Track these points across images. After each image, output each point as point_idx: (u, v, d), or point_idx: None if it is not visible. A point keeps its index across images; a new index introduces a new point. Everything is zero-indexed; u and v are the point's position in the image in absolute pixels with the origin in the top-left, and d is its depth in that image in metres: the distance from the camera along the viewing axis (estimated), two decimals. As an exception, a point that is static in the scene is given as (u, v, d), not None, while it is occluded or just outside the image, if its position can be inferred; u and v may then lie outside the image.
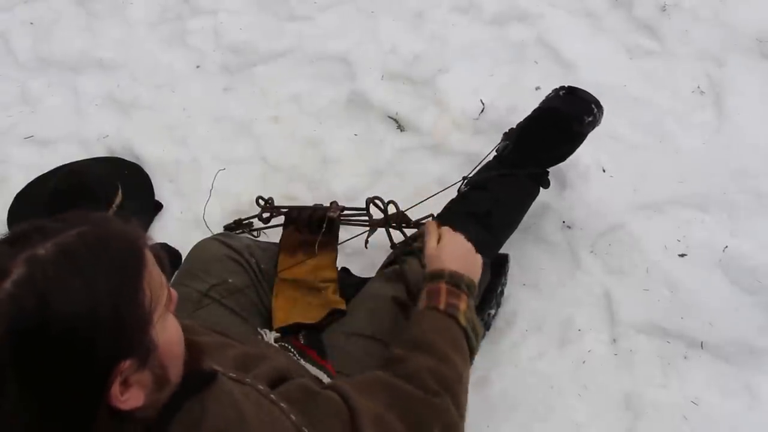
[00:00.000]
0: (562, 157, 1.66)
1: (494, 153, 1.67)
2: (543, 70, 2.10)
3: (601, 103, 1.63)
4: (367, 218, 1.48)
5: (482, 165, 1.67)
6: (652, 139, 1.92)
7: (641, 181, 1.83)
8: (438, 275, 1.19)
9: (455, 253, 1.23)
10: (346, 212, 1.52)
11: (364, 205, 1.47)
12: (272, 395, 0.91)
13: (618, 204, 1.79)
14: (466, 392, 1.12)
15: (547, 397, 1.53)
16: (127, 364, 0.72)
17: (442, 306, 1.15)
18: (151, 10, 2.39)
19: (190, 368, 0.82)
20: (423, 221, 1.51)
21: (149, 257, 0.76)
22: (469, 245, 1.26)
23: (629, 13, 2.20)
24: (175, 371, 0.80)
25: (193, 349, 0.84)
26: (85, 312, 0.69)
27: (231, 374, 0.92)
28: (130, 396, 0.74)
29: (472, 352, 1.17)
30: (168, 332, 0.78)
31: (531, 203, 1.65)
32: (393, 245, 1.44)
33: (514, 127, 1.69)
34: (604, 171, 1.86)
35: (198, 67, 2.24)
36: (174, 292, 0.81)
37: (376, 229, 1.48)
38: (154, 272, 0.77)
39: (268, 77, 2.18)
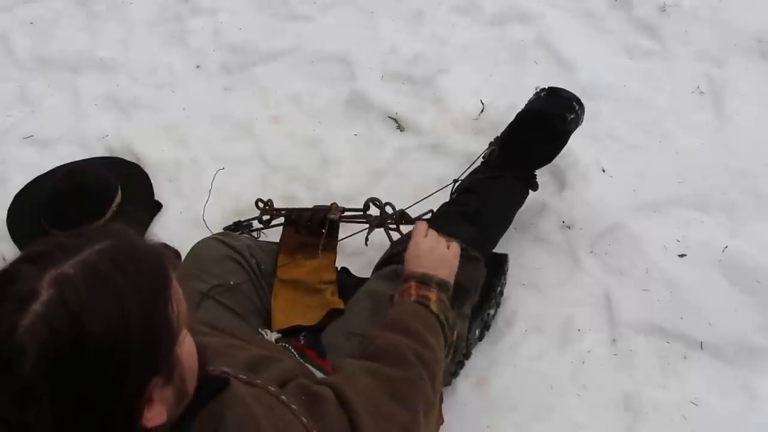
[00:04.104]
0: (549, 158, 1.68)
1: (483, 157, 1.69)
2: (543, 70, 2.10)
3: (582, 101, 1.64)
4: (366, 219, 1.48)
5: (471, 170, 1.70)
6: (651, 139, 1.92)
7: (641, 181, 1.83)
8: (409, 277, 1.25)
9: (432, 256, 1.28)
10: (345, 213, 1.52)
11: (363, 206, 1.48)
12: (283, 396, 0.91)
13: (618, 204, 1.79)
14: (441, 375, 1.15)
15: (546, 397, 1.53)
16: (155, 383, 0.71)
17: (413, 298, 1.20)
18: (151, 10, 2.39)
19: (200, 373, 0.81)
20: (422, 218, 1.51)
21: (172, 272, 0.75)
22: (447, 251, 1.30)
23: (629, 13, 2.20)
24: (192, 383, 0.80)
25: (201, 354, 0.82)
26: (118, 331, 0.67)
27: (242, 376, 0.92)
28: (155, 414, 0.72)
29: (446, 340, 1.21)
30: (187, 345, 0.77)
31: (520, 205, 1.68)
32: (393, 243, 1.45)
33: (499, 135, 1.72)
34: (603, 171, 1.86)
35: (198, 67, 2.24)
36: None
37: (373, 230, 1.48)
38: (177, 287, 0.75)
39: (268, 77, 2.19)
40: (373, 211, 1.49)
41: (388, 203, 1.48)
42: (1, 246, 1.83)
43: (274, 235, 1.68)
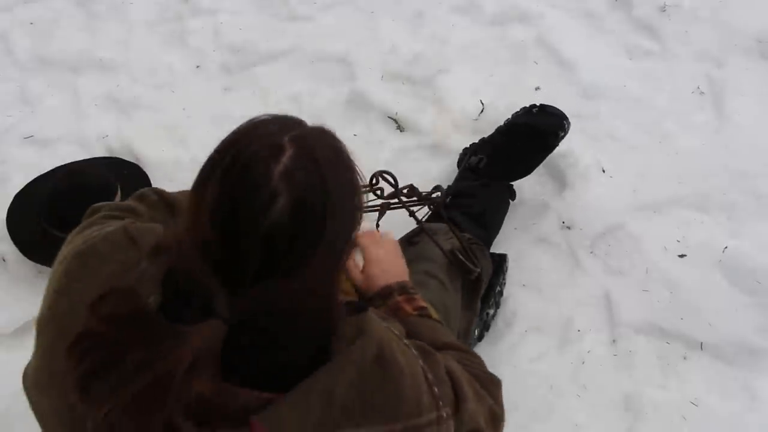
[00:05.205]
0: (529, 171, 1.74)
1: (466, 165, 1.76)
2: (543, 70, 2.10)
3: (569, 119, 1.71)
4: (378, 194, 1.41)
5: (459, 177, 1.77)
6: (651, 139, 1.92)
7: (641, 181, 1.83)
8: (389, 292, 1.18)
9: (391, 262, 1.23)
10: None
11: (369, 180, 1.41)
12: (404, 340, 0.93)
13: (618, 204, 1.79)
14: None
15: (546, 397, 1.53)
16: (348, 248, 0.78)
17: (412, 312, 1.15)
18: (151, 10, 2.39)
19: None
20: (433, 194, 1.47)
21: None
22: (390, 245, 1.27)
23: (629, 13, 2.20)
24: None
25: None
26: (347, 189, 0.76)
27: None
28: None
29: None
30: None
31: (506, 212, 1.75)
32: (413, 215, 1.40)
33: (477, 142, 1.80)
34: (603, 171, 1.86)
35: (198, 67, 2.24)
36: None
37: (385, 212, 1.44)
38: None
39: (268, 77, 2.18)
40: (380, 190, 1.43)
41: (409, 186, 1.45)
42: (1, 246, 1.83)
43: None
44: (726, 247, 1.69)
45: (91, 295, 0.72)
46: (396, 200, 1.40)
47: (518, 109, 1.78)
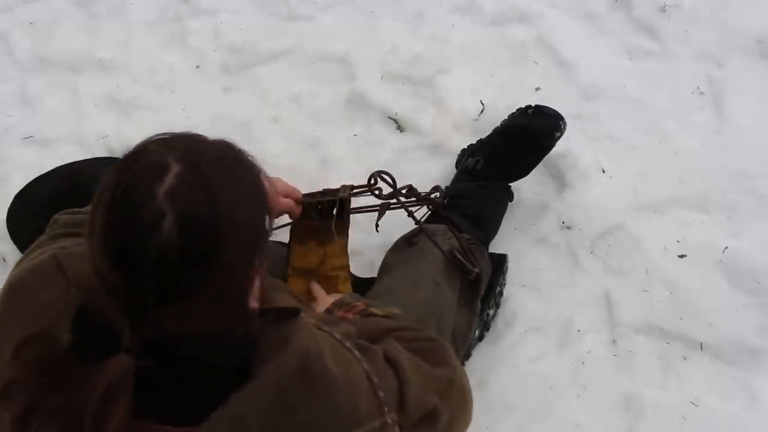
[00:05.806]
0: (526, 172, 1.74)
1: (463, 167, 1.76)
2: (543, 71, 2.10)
3: (565, 119, 1.70)
4: (377, 194, 1.42)
5: (455, 178, 1.77)
6: (651, 139, 1.92)
7: (641, 181, 1.84)
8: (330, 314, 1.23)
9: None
10: (355, 190, 1.44)
11: (367, 180, 1.42)
12: (347, 343, 0.93)
13: (617, 205, 1.79)
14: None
15: (546, 397, 1.53)
16: (258, 262, 0.77)
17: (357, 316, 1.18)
18: (151, 11, 2.38)
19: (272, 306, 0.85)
20: (431, 194, 1.47)
21: None
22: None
23: (629, 13, 2.20)
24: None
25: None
26: (242, 203, 0.74)
27: (311, 320, 0.94)
28: (253, 296, 0.77)
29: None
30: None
31: (504, 213, 1.75)
32: (411, 216, 1.42)
33: (475, 143, 1.80)
34: (603, 171, 1.86)
35: (198, 67, 2.24)
36: None
37: (384, 212, 1.44)
38: None
39: (268, 77, 2.18)
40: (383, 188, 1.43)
41: (408, 186, 1.46)
42: (1, 246, 1.83)
43: (282, 234, 1.67)
44: (726, 247, 1.69)
45: (17, 334, 0.71)
46: (395, 200, 1.41)
47: (515, 110, 1.78)
